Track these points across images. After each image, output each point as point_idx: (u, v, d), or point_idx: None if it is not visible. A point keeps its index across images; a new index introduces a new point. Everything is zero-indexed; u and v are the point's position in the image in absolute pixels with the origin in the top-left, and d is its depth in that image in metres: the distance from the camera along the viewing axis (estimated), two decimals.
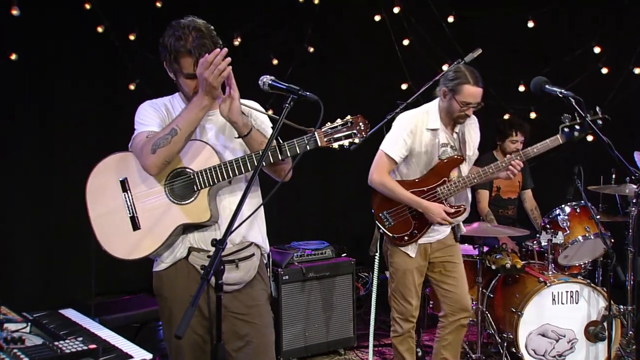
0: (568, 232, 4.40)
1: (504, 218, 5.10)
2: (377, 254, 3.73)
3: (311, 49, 6.11)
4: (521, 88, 5.78)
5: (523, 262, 4.36)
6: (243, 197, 2.07)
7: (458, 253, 3.70)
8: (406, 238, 3.53)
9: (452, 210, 3.46)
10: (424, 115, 3.51)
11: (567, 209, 4.48)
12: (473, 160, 3.66)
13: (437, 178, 3.49)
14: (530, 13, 5.72)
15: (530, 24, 5.74)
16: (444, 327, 3.67)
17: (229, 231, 2.02)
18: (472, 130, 3.62)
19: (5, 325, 2.27)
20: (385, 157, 3.49)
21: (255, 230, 2.57)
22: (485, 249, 4.42)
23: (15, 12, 4.91)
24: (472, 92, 3.37)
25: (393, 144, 3.47)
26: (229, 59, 2.27)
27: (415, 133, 3.45)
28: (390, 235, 3.56)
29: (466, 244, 4.51)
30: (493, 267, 4.33)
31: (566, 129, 3.31)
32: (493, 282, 4.46)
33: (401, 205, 3.51)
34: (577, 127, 3.27)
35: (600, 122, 3.23)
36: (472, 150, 3.61)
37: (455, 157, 3.50)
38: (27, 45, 5.14)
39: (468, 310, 3.64)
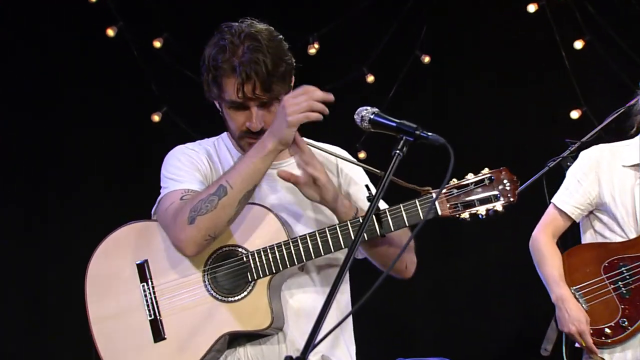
0: None
1: None
2: None
3: (427, 59, 6.15)
4: None
5: None
6: (330, 295, 1.94)
7: None
8: (607, 331, 3.47)
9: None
10: (620, 148, 3.62)
11: None
12: None
13: None
14: None
15: None
16: None
17: (309, 348, 1.91)
18: None
19: None
20: (553, 210, 3.64)
21: (341, 348, 2.57)
22: None
23: None
24: None
25: (563, 191, 3.60)
26: (331, 97, 2.28)
27: (599, 173, 3.56)
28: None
29: None
30: None
31: None
32: None
33: (601, 277, 3.52)
34: None
35: None
36: None
37: None
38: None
39: None
